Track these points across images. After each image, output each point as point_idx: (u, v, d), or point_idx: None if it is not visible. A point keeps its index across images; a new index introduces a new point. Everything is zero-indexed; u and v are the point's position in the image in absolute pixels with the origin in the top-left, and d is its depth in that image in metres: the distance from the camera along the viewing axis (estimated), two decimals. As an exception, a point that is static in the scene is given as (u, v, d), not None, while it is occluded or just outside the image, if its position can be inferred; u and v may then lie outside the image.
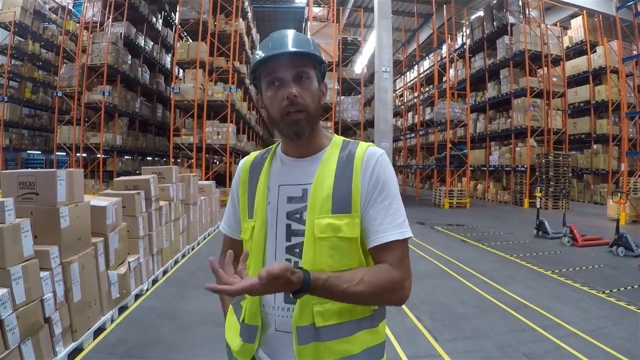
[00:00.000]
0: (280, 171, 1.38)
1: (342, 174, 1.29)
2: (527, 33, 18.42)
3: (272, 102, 1.29)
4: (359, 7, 24.96)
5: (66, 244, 3.78)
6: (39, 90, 22.27)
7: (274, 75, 1.27)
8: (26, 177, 3.79)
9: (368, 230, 1.26)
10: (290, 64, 1.26)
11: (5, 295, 2.95)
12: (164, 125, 23.12)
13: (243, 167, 1.49)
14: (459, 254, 8.53)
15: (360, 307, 1.26)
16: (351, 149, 1.34)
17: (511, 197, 19.75)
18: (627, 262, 7.86)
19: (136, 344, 4.18)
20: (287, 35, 1.29)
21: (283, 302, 1.29)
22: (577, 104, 20.74)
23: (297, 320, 1.24)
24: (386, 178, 1.30)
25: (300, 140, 1.32)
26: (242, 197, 1.46)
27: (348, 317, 1.25)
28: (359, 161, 1.30)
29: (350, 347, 1.25)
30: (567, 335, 4.44)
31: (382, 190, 1.28)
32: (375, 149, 1.35)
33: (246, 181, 1.45)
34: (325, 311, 1.23)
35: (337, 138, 1.41)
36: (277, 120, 1.29)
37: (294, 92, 1.24)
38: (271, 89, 1.29)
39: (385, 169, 1.31)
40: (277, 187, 1.35)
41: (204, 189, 10.29)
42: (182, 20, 18.13)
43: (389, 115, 16.66)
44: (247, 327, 1.34)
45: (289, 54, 1.25)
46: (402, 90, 30.31)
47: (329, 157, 1.33)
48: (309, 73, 1.29)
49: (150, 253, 6.09)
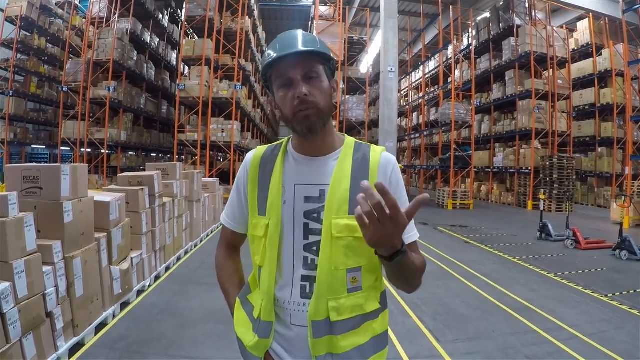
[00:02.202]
0: (295, 170, 1.40)
1: (359, 176, 1.33)
2: (533, 35, 18.33)
3: (284, 102, 1.31)
4: (365, 7, 24.91)
5: (69, 238, 3.78)
6: (44, 84, 22.27)
7: (284, 77, 1.30)
8: (30, 172, 3.80)
9: None
10: (299, 64, 1.28)
11: (7, 289, 2.96)
12: (168, 121, 23.16)
13: (252, 162, 1.48)
14: (462, 255, 8.52)
15: (371, 301, 1.34)
16: (365, 152, 1.40)
17: (515, 199, 19.70)
18: (630, 266, 7.84)
19: (138, 339, 4.18)
20: (295, 36, 1.31)
21: (299, 298, 1.32)
22: (582, 107, 20.70)
23: (312, 314, 1.28)
24: (402, 185, 1.41)
25: (312, 136, 1.34)
26: (251, 193, 1.46)
27: (360, 311, 1.31)
28: (374, 165, 1.36)
29: (360, 338, 1.31)
30: (569, 338, 4.43)
31: (399, 196, 1.35)
32: (389, 155, 1.43)
33: (256, 177, 1.46)
34: (340, 306, 1.28)
35: (349, 139, 1.45)
36: (290, 119, 1.31)
37: (304, 91, 1.27)
38: (282, 89, 1.31)
39: (399, 176, 1.40)
40: (292, 186, 1.37)
41: (207, 186, 10.30)
42: (189, 17, 18.14)
43: (393, 115, 16.63)
44: (262, 323, 1.36)
45: (297, 54, 1.26)
46: (407, 91, 30.27)
47: (344, 158, 1.37)
48: (318, 71, 1.31)
49: (153, 249, 6.10)
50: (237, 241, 1.60)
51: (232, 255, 1.60)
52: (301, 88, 1.27)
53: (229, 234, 1.58)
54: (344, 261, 1.28)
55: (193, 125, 17.85)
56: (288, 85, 1.30)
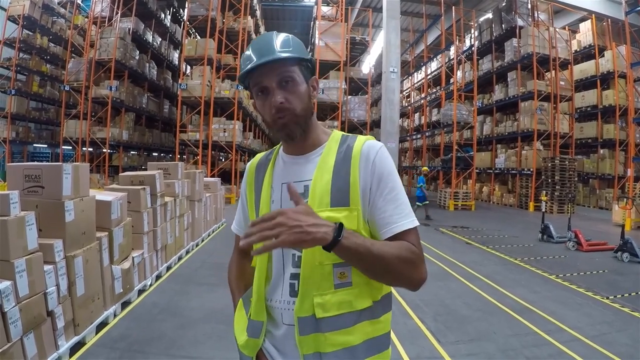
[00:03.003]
0: (283, 170, 1.42)
1: (341, 168, 1.31)
2: (535, 36, 18.31)
3: (263, 109, 1.33)
4: (367, 7, 24.91)
5: (71, 238, 3.78)
6: (46, 83, 22.31)
7: (259, 85, 1.31)
8: (32, 170, 3.80)
9: (379, 222, 1.28)
10: (272, 71, 1.28)
11: (8, 287, 2.96)
12: (170, 121, 23.21)
13: (249, 168, 1.55)
14: (463, 256, 8.51)
15: (362, 298, 1.28)
16: (349, 143, 1.37)
17: (516, 200, 19.68)
18: (632, 268, 7.82)
19: (138, 339, 4.18)
20: (267, 42, 1.30)
21: (288, 296, 1.31)
22: (584, 108, 20.64)
23: (298, 311, 1.26)
24: (388, 171, 1.32)
25: (293, 142, 1.36)
26: (249, 197, 1.51)
27: (348, 308, 1.26)
28: (356, 154, 1.32)
29: (351, 338, 1.26)
30: (570, 340, 4.42)
31: (387, 182, 1.30)
32: (373, 142, 1.37)
33: (252, 182, 1.51)
34: (325, 303, 1.25)
35: (335, 133, 1.44)
36: (270, 125, 1.33)
37: (279, 100, 1.27)
38: (259, 97, 1.33)
39: (385, 162, 1.33)
40: (280, 186, 1.39)
41: (209, 185, 10.30)
42: (191, 16, 18.21)
43: (395, 115, 16.64)
44: (252, 323, 1.37)
45: (269, 62, 1.26)
46: (410, 91, 30.28)
47: (328, 153, 1.36)
48: (292, 75, 1.30)
49: (155, 249, 6.11)
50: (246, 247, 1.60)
51: (242, 260, 1.61)
52: (276, 97, 1.28)
53: (238, 240, 1.60)
54: (330, 255, 1.18)
55: (195, 124, 17.89)
56: (265, 93, 1.31)
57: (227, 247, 8.25)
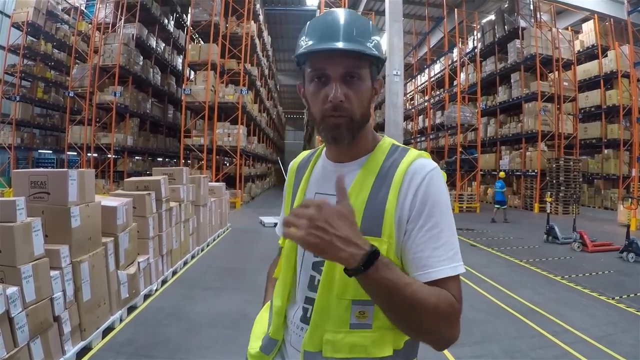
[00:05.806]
0: (320, 177, 1.26)
1: (380, 188, 1.11)
2: (538, 37, 18.31)
3: (314, 99, 1.12)
4: (370, 11, 24.88)
5: (76, 243, 3.80)
6: (50, 90, 22.42)
7: (321, 71, 1.10)
8: (38, 177, 3.82)
9: (413, 263, 1.06)
10: (340, 61, 1.08)
11: (15, 293, 2.98)
12: (174, 126, 23.29)
13: (291, 169, 1.40)
14: (468, 258, 8.48)
15: (382, 345, 1.09)
16: (396, 158, 1.15)
17: (521, 202, 19.66)
18: (638, 268, 7.79)
19: (144, 344, 4.20)
20: (342, 23, 1.09)
21: (299, 321, 1.18)
22: (588, 109, 20.62)
23: (306, 343, 1.12)
24: (435, 200, 1.08)
25: (337, 146, 1.17)
26: (287, 199, 1.36)
27: (361, 353, 1.08)
28: (400, 175, 1.10)
29: None
30: (576, 341, 4.41)
31: (431, 215, 1.07)
32: (424, 161, 1.13)
33: (292, 184, 1.35)
34: (337, 342, 1.08)
35: (385, 141, 1.22)
36: (317, 121, 1.13)
37: (339, 97, 1.07)
38: (315, 83, 1.12)
39: (434, 189, 1.09)
40: (313, 195, 1.24)
41: (214, 190, 10.31)
42: (194, 22, 18.29)
43: (399, 118, 16.61)
44: (268, 339, 1.26)
45: (339, 51, 1.06)
46: (413, 94, 30.24)
47: (371, 165, 1.16)
48: (360, 73, 1.10)
49: (160, 254, 6.12)
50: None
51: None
52: (336, 92, 1.07)
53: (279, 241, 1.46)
54: (350, 289, 1.06)
55: (199, 129, 17.96)
56: (323, 81, 1.10)
57: (232, 252, 8.29)
